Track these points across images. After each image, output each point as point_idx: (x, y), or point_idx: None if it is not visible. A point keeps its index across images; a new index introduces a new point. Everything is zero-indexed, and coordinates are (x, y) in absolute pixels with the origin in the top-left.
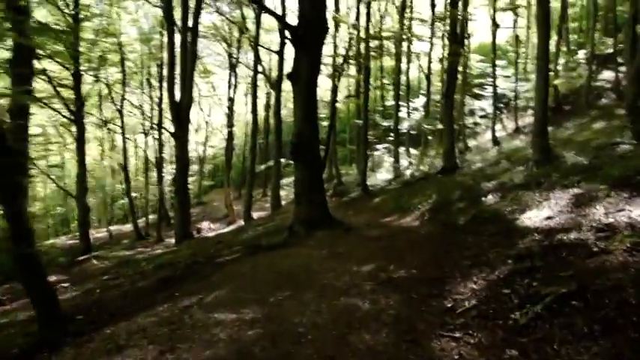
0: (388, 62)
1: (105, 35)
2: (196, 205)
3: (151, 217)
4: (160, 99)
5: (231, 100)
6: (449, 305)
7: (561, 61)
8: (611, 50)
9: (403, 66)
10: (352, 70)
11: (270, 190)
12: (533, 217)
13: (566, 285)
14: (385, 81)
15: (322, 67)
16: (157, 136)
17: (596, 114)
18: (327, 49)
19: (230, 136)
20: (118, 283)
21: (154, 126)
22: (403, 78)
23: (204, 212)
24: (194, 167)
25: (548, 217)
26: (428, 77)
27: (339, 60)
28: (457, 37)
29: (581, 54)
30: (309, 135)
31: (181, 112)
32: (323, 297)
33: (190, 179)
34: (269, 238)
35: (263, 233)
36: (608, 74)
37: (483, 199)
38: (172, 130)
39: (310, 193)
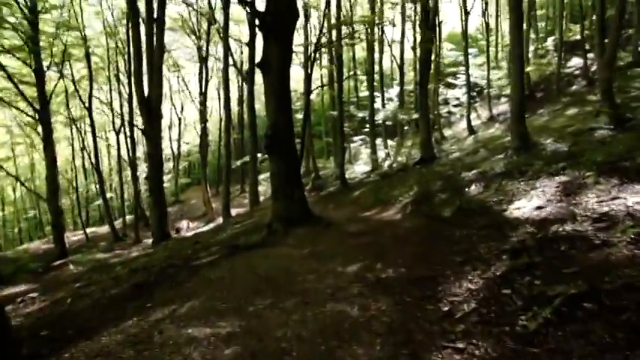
0: (361, 53)
1: (67, 29)
2: (174, 203)
3: (128, 217)
4: (130, 95)
5: (203, 94)
6: (446, 309)
7: (531, 48)
8: (578, 37)
9: (376, 56)
10: (325, 60)
11: (248, 185)
12: (523, 208)
13: (574, 284)
14: (358, 71)
15: (294, 56)
16: (129, 134)
17: (569, 100)
18: (298, 39)
19: (204, 132)
20: (89, 291)
21: (126, 123)
22: (376, 68)
23: (182, 211)
24: (169, 165)
25: (539, 207)
26: (401, 67)
27: (311, 48)
28: (429, 23)
29: (549, 41)
30: (284, 126)
31: (151, 107)
32: (307, 304)
33: (166, 177)
34: (247, 236)
35: (241, 232)
36: (576, 60)
37: (466, 189)
38: (142, 126)
39: (287, 188)
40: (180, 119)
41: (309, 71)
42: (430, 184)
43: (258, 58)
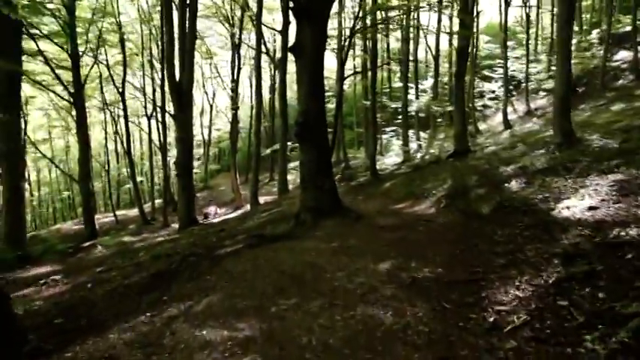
0: (395, 44)
1: (102, 15)
2: (203, 189)
3: (157, 201)
4: (162, 80)
5: (234, 81)
6: (491, 320)
7: (573, 41)
8: (627, 28)
9: (410, 47)
10: (358, 50)
11: (277, 174)
12: (573, 207)
13: None
14: (392, 62)
15: (327, 43)
16: (160, 120)
17: (614, 95)
18: (332, 25)
19: (235, 119)
20: (110, 276)
21: (158, 108)
22: (410, 59)
23: (211, 196)
24: (199, 151)
25: (592, 208)
26: (436, 58)
27: (346, 34)
28: (468, 10)
29: (594, 34)
30: (316, 113)
31: (182, 92)
32: (335, 306)
33: (196, 163)
34: (274, 226)
35: (268, 220)
36: (623, 54)
37: (506, 185)
38: (173, 111)
39: (317, 178)
40: (211, 106)
41: (343, 58)
42: (465, 177)
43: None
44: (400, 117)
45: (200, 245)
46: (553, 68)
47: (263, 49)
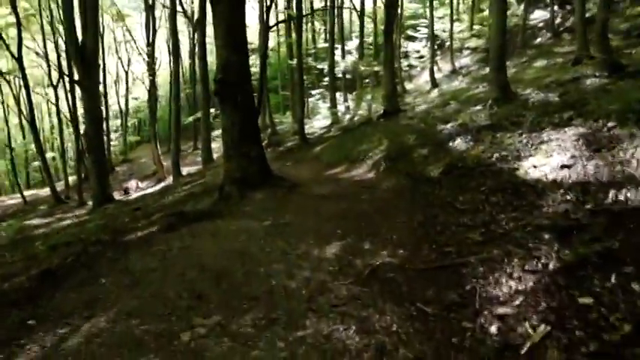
0: (319, 4)
1: None
2: (122, 162)
3: (72, 178)
4: (67, 45)
5: (150, 45)
6: (495, 331)
7: None
8: None
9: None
10: (281, 5)
11: (200, 142)
12: (541, 167)
13: None
14: (316, 22)
15: None
16: (69, 88)
17: (534, 53)
18: None
19: (152, 86)
20: None
21: (65, 77)
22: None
23: (132, 170)
24: (117, 122)
25: (565, 166)
26: (361, 16)
27: None
28: None
29: None
30: (238, 67)
31: (86, 56)
32: (274, 322)
33: (114, 135)
34: (196, 201)
35: (190, 194)
36: (539, 13)
37: (450, 144)
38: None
39: (243, 145)
40: (127, 73)
41: (271, 2)
42: (402, 137)
43: (209, 9)
44: (326, 79)
45: (110, 228)
46: (475, 27)
47: (179, 8)
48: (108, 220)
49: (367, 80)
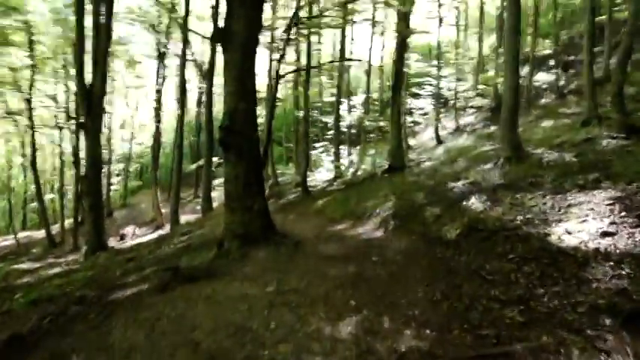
0: (328, 58)
1: (5, 9)
2: (122, 207)
3: (69, 221)
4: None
5: (158, 92)
6: None
7: (499, 61)
8: (546, 52)
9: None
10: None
11: (201, 190)
12: (577, 233)
13: None
14: (323, 78)
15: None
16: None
17: (540, 113)
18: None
19: (157, 132)
20: None
21: (72, 120)
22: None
23: (131, 215)
24: (119, 166)
25: (606, 234)
26: (368, 72)
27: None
28: (407, 19)
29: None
30: (245, 116)
31: (92, 99)
32: None
33: (115, 179)
34: (193, 255)
35: (187, 246)
36: (542, 75)
37: (464, 203)
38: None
39: (246, 197)
40: (132, 117)
41: (283, 52)
42: (410, 194)
43: (219, 58)
44: (330, 132)
45: (98, 282)
46: (480, 87)
47: (189, 57)
48: (98, 270)
49: (372, 135)
